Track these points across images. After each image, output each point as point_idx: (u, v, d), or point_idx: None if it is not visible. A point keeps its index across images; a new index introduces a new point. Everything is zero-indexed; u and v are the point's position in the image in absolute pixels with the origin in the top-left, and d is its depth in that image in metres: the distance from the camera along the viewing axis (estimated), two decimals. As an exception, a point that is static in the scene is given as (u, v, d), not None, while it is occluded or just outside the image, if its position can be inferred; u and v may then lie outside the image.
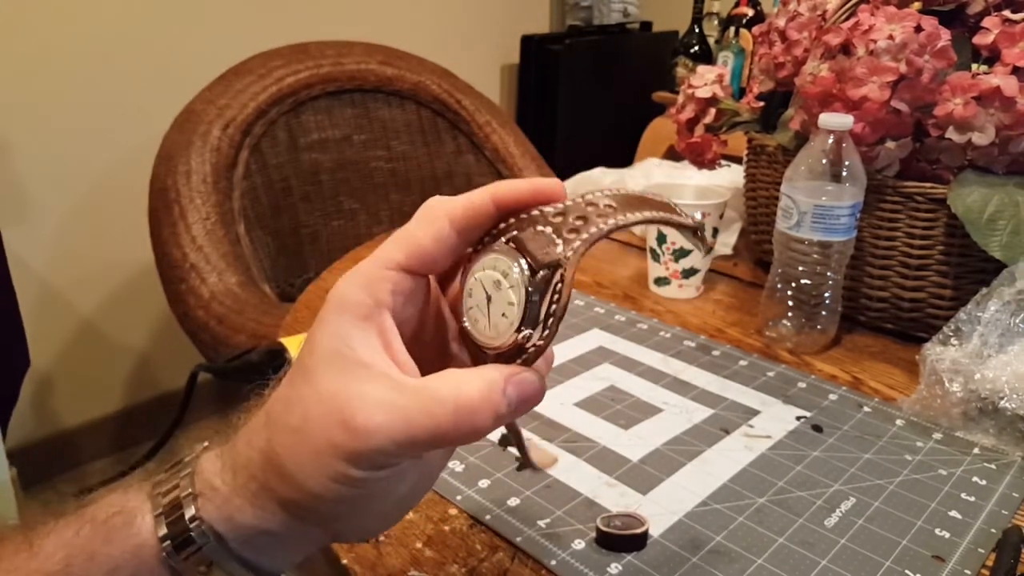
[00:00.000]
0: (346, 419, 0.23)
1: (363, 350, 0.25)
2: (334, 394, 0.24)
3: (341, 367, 0.24)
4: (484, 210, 0.26)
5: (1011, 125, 0.52)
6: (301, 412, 0.24)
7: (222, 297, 0.90)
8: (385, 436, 0.23)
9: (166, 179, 0.98)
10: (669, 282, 0.68)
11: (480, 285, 0.26)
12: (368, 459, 0.24)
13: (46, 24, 1.28)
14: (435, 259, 0.26)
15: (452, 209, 0.26)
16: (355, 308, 0.25)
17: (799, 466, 0.45)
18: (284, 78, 1.12)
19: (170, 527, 0.25)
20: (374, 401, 0.23)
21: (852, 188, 0.54)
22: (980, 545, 0.38)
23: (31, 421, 1.41)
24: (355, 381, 0.24)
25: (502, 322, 0.25)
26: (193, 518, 0.25)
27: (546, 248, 0.25)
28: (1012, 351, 0.47)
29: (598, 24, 2.05)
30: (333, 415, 0.24)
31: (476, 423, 0.24)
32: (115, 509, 0.26)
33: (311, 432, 0.24)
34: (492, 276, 0.26)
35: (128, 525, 0.25)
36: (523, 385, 0.25)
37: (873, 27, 0.53)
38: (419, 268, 0.26)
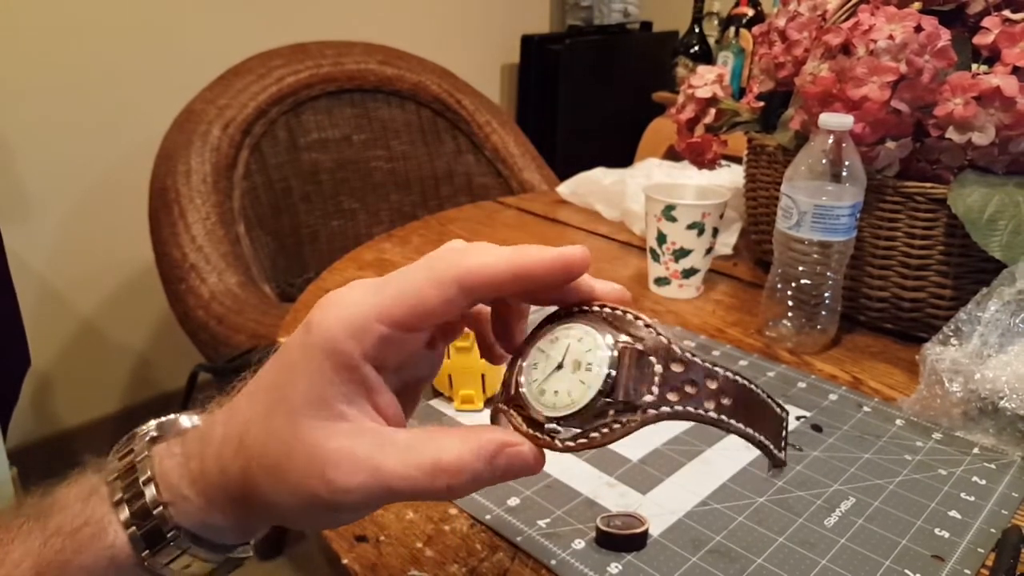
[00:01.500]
0: (327, 475, 0.24)
1: (344, 403, 0.24)
2: (316, 446, 0.24)
3: (325, 416, 0.24)
4: (502, 282, 0.25)
5: (1011, 125, 0.52)
6: (281, 453, 0.24)
7: (222, 297, 0.90)
8: (363, 494, 0.24)
9: (166, 179, 0.98)
10: (669, 282, 0.68)
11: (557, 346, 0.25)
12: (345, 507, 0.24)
13: (47, 24, 1.28)
14: (436, 320, 0.25)
15: (466, 277, 0.24)
16: (338, 357, 0.24)
17: (799, 466, 0.45)
18: (284, 78, 1.12)
19: (147, 537, 0.26)
20: (354, 459, 0.24)
21: (852, 188, 0.54)
22: (980, 545, 0.38)
23: (31, 421, 1.41)
24: (336, 435, 0.24)
25: (550, 399, 0.24)
26: (171, 528, 0.26)
27: (638, 386, 0.23)
28: (1012, 351, 0.47)
29: (598, 24, 2.05)
30: (314, 467, 0.24)
31: (452, 484, 0.24)
32: (81, 521, 0.26)
33: (291, 479, 0.24)
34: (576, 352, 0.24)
35: (99, 537, 0.26)
36: (516, 460, 0.24)
37: (873, 27, 0.53)
38: (416, 327, 0.25)
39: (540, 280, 0.25)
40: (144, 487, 0.26)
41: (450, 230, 0.86)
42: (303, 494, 0.24)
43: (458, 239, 0.27)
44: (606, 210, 0.91)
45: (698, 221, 0.64)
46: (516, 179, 1.22)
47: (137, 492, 0.26)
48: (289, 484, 0.24)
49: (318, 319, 0.25)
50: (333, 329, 0.24)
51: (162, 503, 0.26)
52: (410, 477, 0.23)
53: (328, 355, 0.24)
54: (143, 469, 0.26)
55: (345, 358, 0.24)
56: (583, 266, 0.25)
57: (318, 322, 0.24)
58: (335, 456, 0.24)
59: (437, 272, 0.24)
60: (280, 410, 0.25)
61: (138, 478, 0.26)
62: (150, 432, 0.28)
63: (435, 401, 0.50)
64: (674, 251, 0.66)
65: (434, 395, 0.51)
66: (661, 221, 0.65)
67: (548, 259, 0.25)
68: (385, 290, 0.25)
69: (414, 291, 0.24)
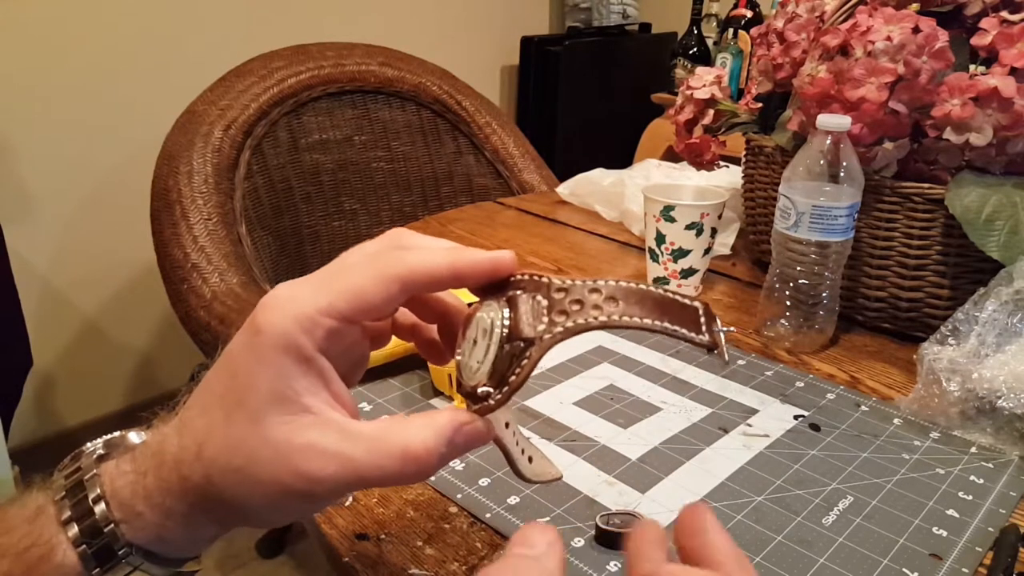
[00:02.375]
0: (298, 467, 0.24)
1: (307, 395, 0.25)
2: (283, 442, 0.24)
3: (288, 411, 0.25)
4: (441, 279, 0.27)
5: (1009, 126, 0.52)
6: (246, 454, 0.25)
7: (224, 297, 0.90)
8: (336, 483, 0.25)
9: (168, 179, 0.98)
10: (668, 282, 0.68)
11: (476, 326, 0.28)
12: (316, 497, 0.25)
13: (49, 25, 1.28)
14: (378, 315, 0.27)
15: (409, 275, 0.26)
16: (296, 351, 0.25)
17: (797, 465, 0.45)
18: (285, 79, 1.12)
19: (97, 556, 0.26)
20: (324, 452, 0.24)
21: (850, 189, 0.54)
22: (977, 544, 0.39)
23: (33, 420, 1.41)
24: (303, 429, 0.25)
25: (475, 366, 0.27)
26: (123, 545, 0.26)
27: (531, 320, 0.26)
28: (1010, 351, 0.47)
29: (597, 25, 2.06)
30: (283, 462, 0.24)
31: (421, 468, 0.25)
32: (29, 542, 0.26)
33: (259, 475, 0.25)
34: (484, 323, 0.27)
35: (47, 557, 0.26)
36: (471, 435, 0.27)
37: (871, 28, 0.54)
38: (358, 319, 0.26)
39: (472, 280, 0.27)
40: (94, 504, 0.26)
41: (450, 230, 0.86)
42: (274, 490, 0.25)
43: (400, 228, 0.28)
44: (605, 211, 0.91)
45: (696, 221, 0.65)
46: (516, 180, 1.22)
47: (86, 510, 0.26)
48: (259, 484, 0.25)
49: (266, 320, 0.25)
50: (285, 325, 0.25)
51: (114, 521, 0.26)
52: (381, 466, 0.25)
53: (286, 351, 0.25)
54: (92, 487, 0.26)
55: (302, 351, 0.25)
56: (511, 269, 0.27)
57: (268, 322, 0.25)
58: (305, 451, 0.24)
59: (380, 269, 0.26)
60: (239, 415, 0.25)
61: (87, 495, 0.26)
62: (97, 450, 0.28)
63: (435, 400, 0.51)
64: (673, 251, 0.66)
65: (434, 395, 0.51)
66: (660, 221, 0.66)
67: (483, 261, 0.27)
68: (331, 285, 0.26)
69: (358, 287, 0.26)
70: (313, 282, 0.26)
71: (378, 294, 0.26)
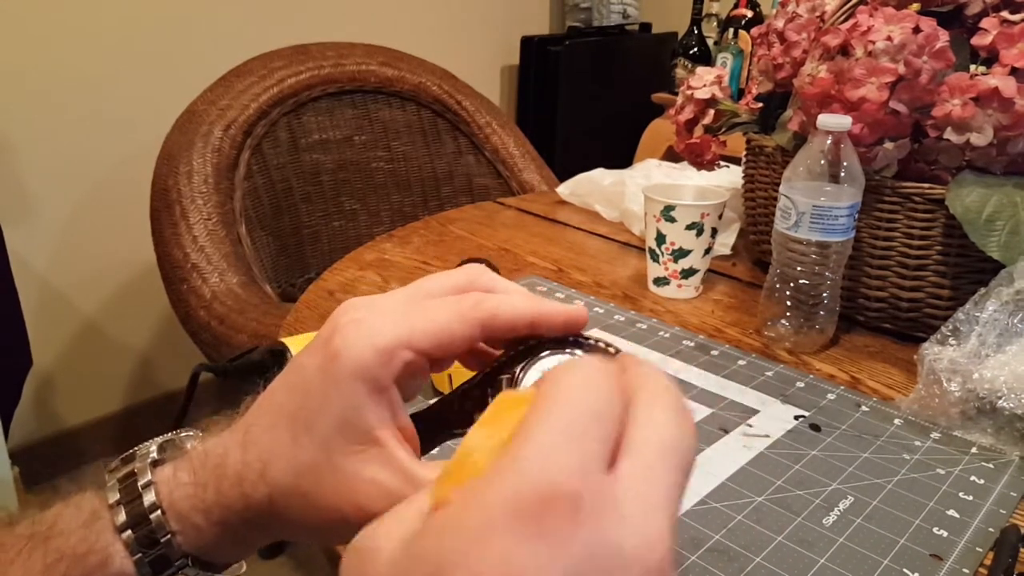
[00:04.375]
0: (360, 503, 0.25)
1: (378, 427, 0.25)
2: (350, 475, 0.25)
3: (357, 441, 0.25)
4: (519, 327, 0.26)
5: (1009, 126, 0.52)
6: (313, 480, 0.25)
7: (223, 297, 0.90)
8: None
9: (168, 179, 0.98)
10: (668, 282, 0.68)
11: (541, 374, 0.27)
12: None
13: (48, 24, 1.28)
14: (455, 353, 0.27)
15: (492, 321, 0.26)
16: (373, 382, 0.25)
17: (797, 465, 0.45)
18: (285, 79, 1.12)
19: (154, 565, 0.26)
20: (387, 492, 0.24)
21: (850, 189, 0.54)
22: (978, 544, 0.38)
23: (33, 420, 1.41)
24: (370, 462, 0.25)
25: None
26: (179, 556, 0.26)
27: None
28: (1010, 351, 0.47)
29: (598, 25, 2.05)
30: (347, 494, 0.25)
31: None
32: (85, 547, 0.26)
33: (321, 503, 0.25)
34: None
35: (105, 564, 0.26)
36: None
37: (872, 28, 0.54)
38: (437, 357, 0.26)
39: (548, 330, 0.27)
40: (150, 513, 0.26)
41: (451, 230, 0.86)
42: (333, 517, 0.25)
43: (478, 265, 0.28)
44: (605, 210, 0.91)
45: (697, 221, 0.65)
46: (516, 180, 1.22)
47: (142, 518, 0.26)
48: (320, 510, 0.25)
49: (345, 344, 0.25)
50: (365, 355, 0.24)
51: (171, 531, 0.26)
52: None
53: (363, 380, 0.24)
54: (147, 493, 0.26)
55: (379, 383, 0.25)
56: (584, 324, 0.27)
57: (346, 347, 0.25)
58: (368, 486, 0.25)
59: (464, 311, 0.26)
60: (308, 439, 0.25)
61: (143, 502, 0.26)
62: (151, 454, 0.28)
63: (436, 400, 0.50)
64: (673, 251, 0.66)
65: (434, 395, 0.51)
66: (660, 221, 0.66)
67: (560, 315, 0.27)
68: (412, 319, 0.25)
69: (441, 327, 0.25)
70: (393, 309, 0.26)
71: (460, 334, 0.26)
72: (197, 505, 0.26)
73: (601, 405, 0.19)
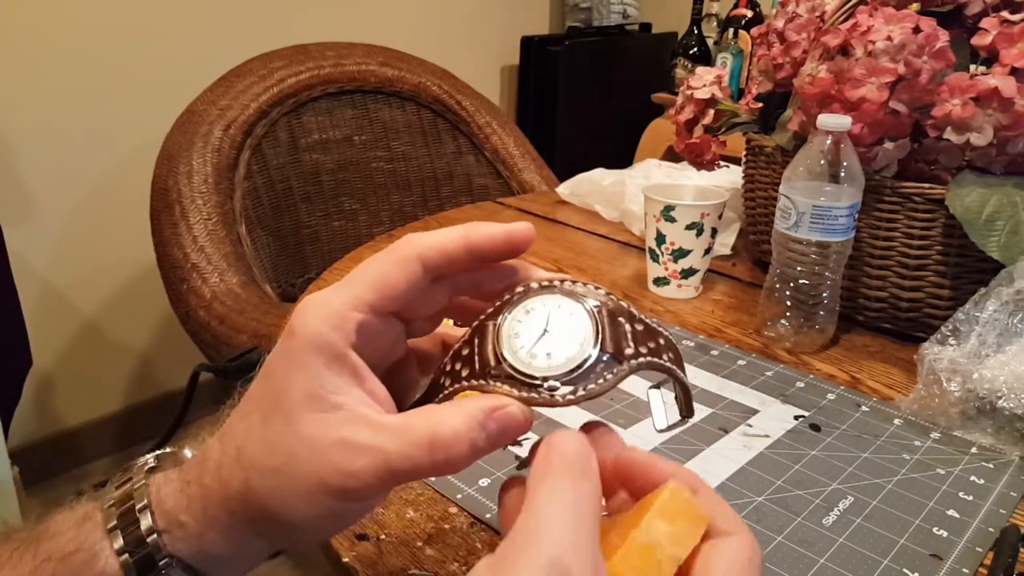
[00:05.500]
0: (332, 462, 0.24)
1: (339, 393, 0.25)
2: (317, 439, 0.25)
3: (320, 409, 0.25)
4: (456, 254, 0.27)
5: (1009, 126, 0.52)
6: (283, 453, 0.25)
7: (223, 297, 0.90)
8: (370, 477, 0.24)
9: (168, 179, 0.98)
10: (668, 282, 0.68)
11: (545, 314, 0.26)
12: (353, 494, 0.25)
13: (48, 26, 1.28)
14: (405, 299, 0.27)
15: (425, 251, 0.26)
16: (328, 350, 0.25)
17: (797, 465, 0.45)
18: (285, 79, 1.12)
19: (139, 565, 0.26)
20: (356, 445, 0.24)
21: (850, 189, 0.54)
22: (978, 544, 0.38)
23: (33, 420, 1.41)
24: (335, 425, 0.25)
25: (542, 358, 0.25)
26: (164, 556, 0.26)
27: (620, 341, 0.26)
28: (1010, 351, 0.47)
29: (598, 25, 2.06)
30: (318, 458, 0.24)
31: (451, 456, 0.24)
32: (74, 546, 0.26)
33: (296, 474, 0.25)
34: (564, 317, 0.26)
35: (91, 563, 0.26)
36: (505, 419, 0.25)
37: (871, 28, 0.54)
38: (388, 308, 0.27)
39: (490, 252, 0.27)
40: (140, 515, 0.26)
41: (450, 231, 0.86)
42: (311, 489, 0.25)
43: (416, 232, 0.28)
44: (605, 211, 0.91)
45: (697, 221, 0.65)
46: (516, 180, 1.22)
47: (132, 520, 0.26)
48: (296, 483, 0.25)
49: (299, 322, 0.26)
50: (315, 325, 0.25)
51: (157, 531, 0.26)
52: (410, 455, 0.24)
53: (316, 350, 0.25)
54: (139, 497, 0.27)
55: (332, 349, 0.25)
56: (528, 239, 0.27)
57: (300, 324, 0.26)
58: (337, 445, 0.24)
59: (398, 253, 0.27)
60: (276, 416, 0.25)
61: (134, 506, 0.26)
62: (148, 462, 0.28)
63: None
64: (673, 251, 0.66)
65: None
66: (660, 221, 0.66)
67: (497, 232, 0.27)
68: (353, 280, 0.26)
69: (380, 274, 0.26)
70: (340, 284, 0.27)
71: (400, 276, 0.26)
72: (181, 501, 0.26)
73: None
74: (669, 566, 0.22)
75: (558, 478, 0.22)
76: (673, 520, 0.23)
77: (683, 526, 0.23)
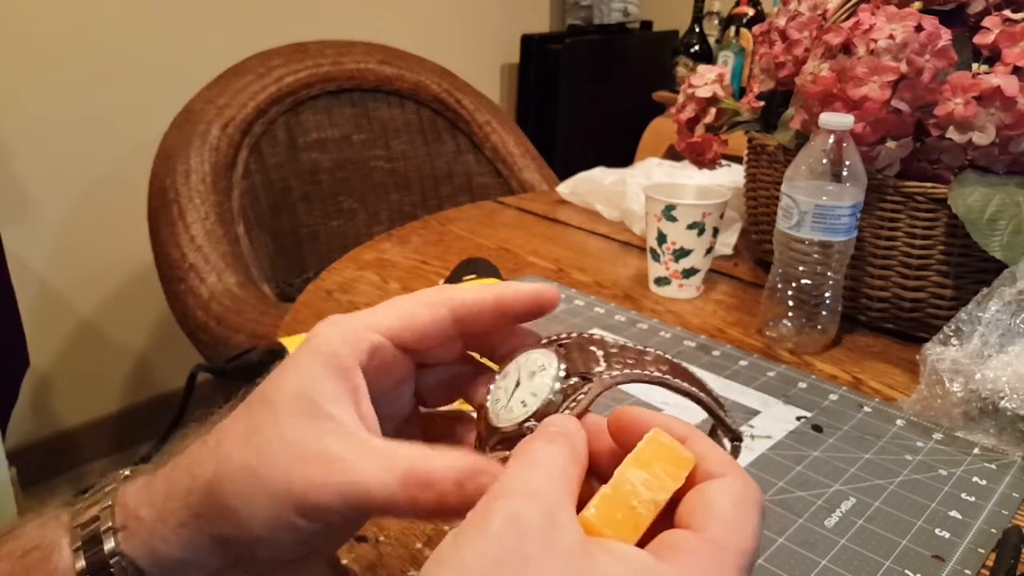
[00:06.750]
0: (305, 471, 0.23)
1: (332, 403, 0.24)
2: (298, 444, 0.23)
3: (310, 415, 0.24)
4: (486, 309, 0.27)
5: (1012, 125, 0.52)
6: (259, 449, 0.24)
7: (221, 297, 0.90)
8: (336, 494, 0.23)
9: (165, 179, 0.98)
10: (669, 282, 0.68)
11: (517, 370, 0.27)
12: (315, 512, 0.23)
13: (46, 24, 1.28)
14: (427, 339, 0.27)
15: (456, 301, 0.27)
16: (332, 359, 0.25)
17: (799, 466, 0.44)
18: (283, 77, 1.12)
19: (89, 561, 0.24)
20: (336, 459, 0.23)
21: (852, 188, 0.54)
22: (980, 545, 0.38)
23: (30, 421, 1.41)
24: (320, 436, 0.24)
25: (518, 409, 0.26)
26: (113, 552, 0.24)
27: (588, 364, 0.26)
28: (1013, 351, 0.47)
29: (598, 23, 2.05)
30: (293, 465, 0.23)
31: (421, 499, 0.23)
32: (33, 544, 0.25)
33: (268, 477, 0.23)
34: (531, 366, 0.27)
35: (45, 560, 0.25)
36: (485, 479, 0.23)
37: (874, 27, 0.53)
38: (408, 342, 0.27)
39: (518, 312, 0.28)
40: (102, 513, 0.25)
41: (450, 230, 0.86)
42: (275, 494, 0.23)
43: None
44: (606, 210, 0.90)
45: (698, 221, 0.64)
46: (516, 179, 1.22)
47: (93, 516, 0.25)
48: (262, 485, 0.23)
49: (314, 332, 0.26)
50: (328, 335, 0.26)
51: (114, 528, 0.25)
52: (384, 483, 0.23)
53: (321, 356, 0.25)
54: (108, 497, 0.26)
55: (337, 360, 0.25)
56: (554, 302, 0.28)
57: (314, 334, 0.26)
58: (317, 456, 0.23)
59: (429, 296, 0.27)
60: (263, 409, 0.25)
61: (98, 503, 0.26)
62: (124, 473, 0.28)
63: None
64: (674, 251, 0.66)
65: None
66: (661, 221, 0.65)
67: (526, 293, 0.28)
68: (379, 308, 0.27)
69: (407, 308, 0.27)
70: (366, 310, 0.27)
71: (427, 316, 0.27)
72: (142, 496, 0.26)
73: None
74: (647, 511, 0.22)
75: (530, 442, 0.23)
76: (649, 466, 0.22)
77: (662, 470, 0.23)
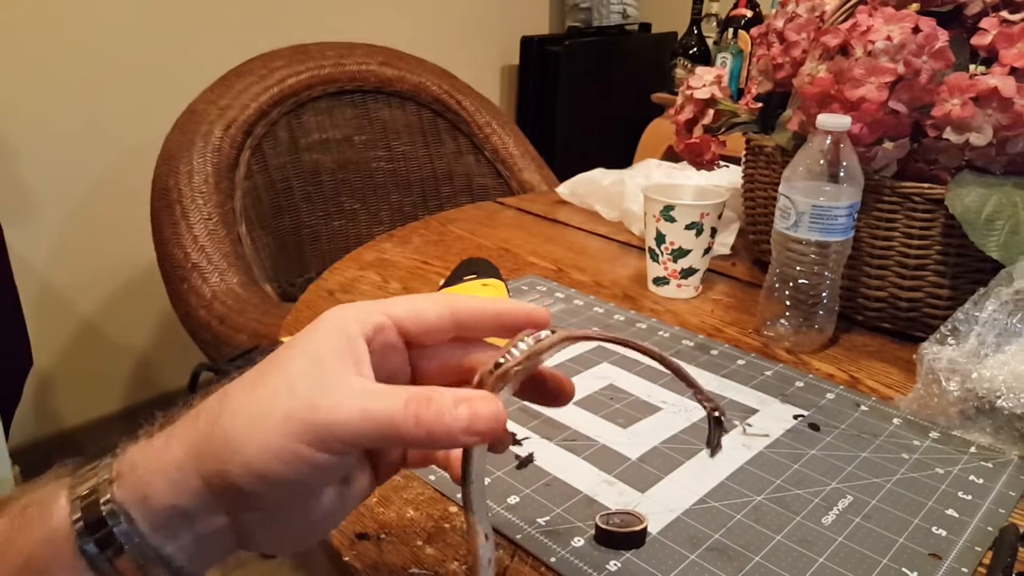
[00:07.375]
0: (311, 398, 0.25)
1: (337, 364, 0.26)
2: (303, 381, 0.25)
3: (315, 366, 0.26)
4: (485, 318, 0.30)
5: (1009, 126, 0.52)
6: (265, 384, 0.26)
7: (223, 297, 0.90)
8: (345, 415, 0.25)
9: (168, 179, 0.98)
10: (668, 282, 0.68)
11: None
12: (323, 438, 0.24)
13: (48, 24, 1.28)
14: (429, 334, 0.29)
15: (459, 305, 0.30)
16: (342, 330, 0.27)
17: (797, 464, 0.45)
18: (285, 79, 1.12)
19: (84, 511, 0.25)
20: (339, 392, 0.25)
21: (850, 188, 0.54)
22: (977, 543, 0.39)
23: (33, 420, 1.42)
24: (324, 379, 0.25)
25: None
26: (107, 501, 0.25)
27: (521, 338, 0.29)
28: (1009, 350, 0.47)
29: (597, 25, 2.06)
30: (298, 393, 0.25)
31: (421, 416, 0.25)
32: (33, 500, 0.25)
33: (271, 403, 0.25)
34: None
35: (43, 514, 0.25)
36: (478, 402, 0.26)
37: (871, 28, 0.54)
38: (411, 330, 0.29)
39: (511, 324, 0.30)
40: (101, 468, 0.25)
41: (450, 230, 0.86)
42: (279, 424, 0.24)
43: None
44: (605, 210, 0.91)
45: (696, 221, 0.65)
46: (516, 179, 1.22)
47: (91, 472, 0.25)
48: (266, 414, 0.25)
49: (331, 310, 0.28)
50: (340, 311, 0.28)
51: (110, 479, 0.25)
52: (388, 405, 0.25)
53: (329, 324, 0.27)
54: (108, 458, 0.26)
55: (346, 331, 0.27)
56: (545, 324, 0.30)
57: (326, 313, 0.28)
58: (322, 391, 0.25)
59: (436, 297, 0.30)
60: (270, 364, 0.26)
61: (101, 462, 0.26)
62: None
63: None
64: (673, 251, 0.66)
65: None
66: (660, 221, 0.66)
67: (520, 311, 0.30)
68: (391, 299, 0.29)
69: (416, 303, 0.29)
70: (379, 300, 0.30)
71: (432, 313, 0.29)
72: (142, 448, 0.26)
73: None
74: None
75: None
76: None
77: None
